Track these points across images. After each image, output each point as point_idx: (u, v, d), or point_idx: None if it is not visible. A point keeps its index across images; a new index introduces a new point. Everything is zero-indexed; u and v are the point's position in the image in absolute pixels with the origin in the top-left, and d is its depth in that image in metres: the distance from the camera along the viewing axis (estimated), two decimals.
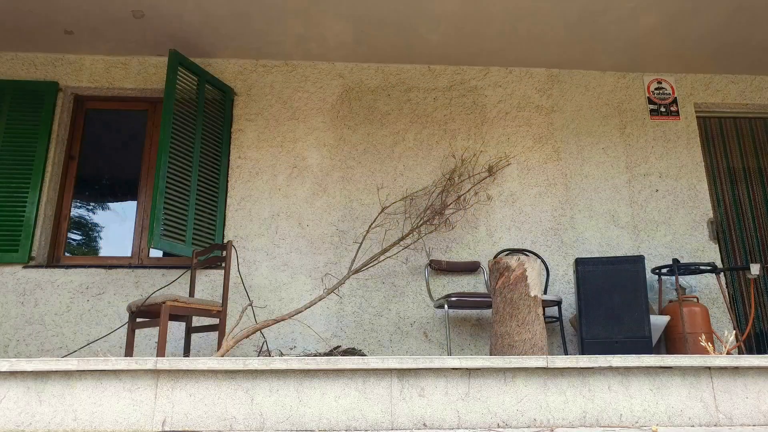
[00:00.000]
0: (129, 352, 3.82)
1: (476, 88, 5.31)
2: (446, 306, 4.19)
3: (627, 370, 2.08)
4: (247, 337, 3.77)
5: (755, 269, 4.25)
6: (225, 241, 4.71)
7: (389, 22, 4.74)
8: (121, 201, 5.12)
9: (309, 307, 4.04)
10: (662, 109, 5.34)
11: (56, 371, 1.99)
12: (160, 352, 3.55)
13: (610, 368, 2.07)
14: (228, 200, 4.87)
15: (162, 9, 4.58)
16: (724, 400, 2.06)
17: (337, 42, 5.01)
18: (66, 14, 4.62)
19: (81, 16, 4.64)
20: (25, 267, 4.55)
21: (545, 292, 4.62)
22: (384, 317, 4.62)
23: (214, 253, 4.38)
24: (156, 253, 4.86)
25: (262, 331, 4.30)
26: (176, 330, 4.50)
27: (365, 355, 4.18)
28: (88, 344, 4.39)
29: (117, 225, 5.01)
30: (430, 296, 4.54)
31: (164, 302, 3.59)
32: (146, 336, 4.48)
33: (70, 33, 4.85)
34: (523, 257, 3.87)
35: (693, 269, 4.46)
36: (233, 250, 4.58)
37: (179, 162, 4.57)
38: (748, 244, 5.22)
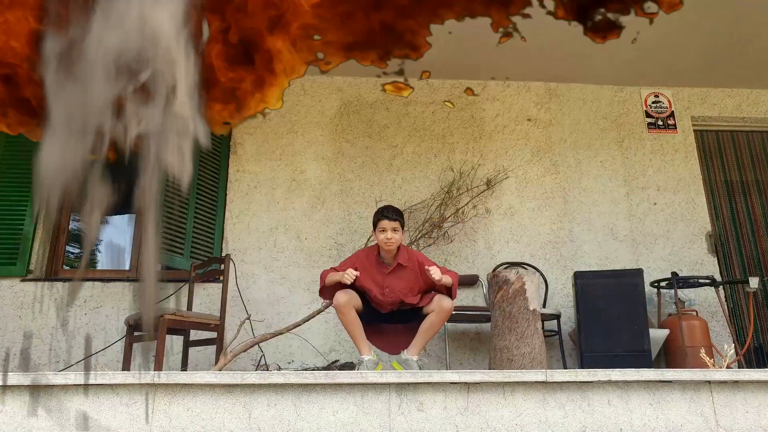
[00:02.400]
0: (126, 366, 3.80)
1: (474, 102, 5.33)
2: None
3: (626, 384, 2.07)
4: (244, 351, 3.76)
5: (754, 282, 4.25)
6: (223, 254, 4.70)
7: None
8: (120, 214, 5.12)
9: (307, 320, 4.02)
10: (659, 123, 5.36)
11: (53, 385, 1.98)
12: (158, 366, 3.53)
13: (610, 382, 2.07)
14: (226, 213, 4.87)
15: None
16: (724, 415, 2.06)
17: None
18: None
19: None
20: (23, 280, 4.54)
21: (544, 306, 4.61)
22: None
23: (213, 267, 4.37)
24: None
25: (260, 345, 4.27)
26: (174, 344, 4.47)
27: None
28: (86, 358, 4.36)
29: (115, 238, 5.01)
30: None
31: (162, 316, 3.58)
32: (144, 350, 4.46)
33: None
34: (521, 271, 3.86)
35: (692, 283, 4.45)
36: (231, 264, 4.57)
37: None
38: (746, 258, 5.22)
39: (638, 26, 4.87)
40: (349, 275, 3.53)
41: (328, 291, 3.73)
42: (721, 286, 4.76)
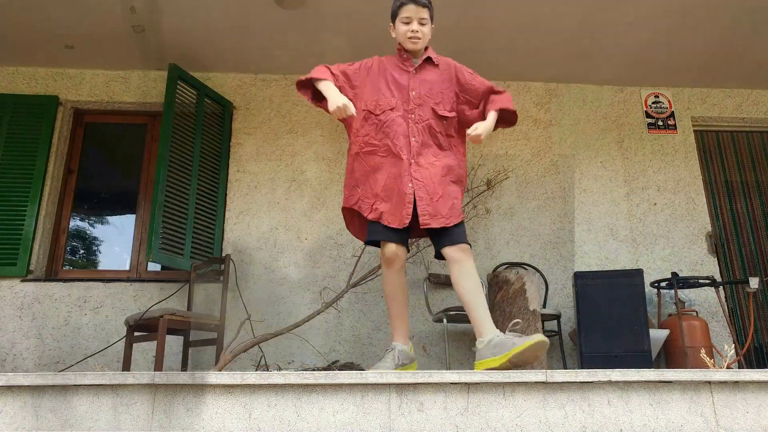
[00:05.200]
0: (126, 366, 3.80)
1: None
2: (445, 320, 4.18)
3: (627, 385, 2.07)
4: (244, 351, 3.76)
5: (754, 283, 4.25)
6: (223, 254, 4.70)
7: (387, 36, 4.76)
8: (120, 214, 5.12)
9: (307, 321, 4.03)
10: (659, 123, 5.36)
11: (53, 386, 1.98)
12: (158, 366, 3.53)
13: (610, 382, 2.06)
14: (226, 214, 4.87)
15: (162, 24, 4.61)
16: (724, 415, 2.05)
17: (336, 56, 5.02)
18: (67, 29, 4.65)
19: (82, 30, 4.67)
20: (23, 280, 4.54)
21: (544, 306, 4.61)
22: (382, 331, 4.60)
23: (213, 267, 4.37)
24: (154, 266, 4.85)
25: (260, 345, 4.27)
26: (174, 344, 4.47)
27: (363, 370, 4.15)
28: (86, 358, 4.36)
29: (115, 238, 5.01)
30: (429, 310, 4.53)
31: (162, 316, 3.58)
32: (144, 350, 4.46)
33: (70, 47, 4.87)
34: (521, 271, 3.86)
35: (692, 283, 4.45)
36: (231, 264, 4.57)
37: (178, 175, 4.57)
38: (746, 258, 5.22)
39: (638, 25, 4.89)
40: (340, 107, 2.54)
41: (304, 86, 2.76)
42: (721, 287, 4.76)
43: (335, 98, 2.59)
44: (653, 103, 5.43)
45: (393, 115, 2.69)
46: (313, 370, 4.16)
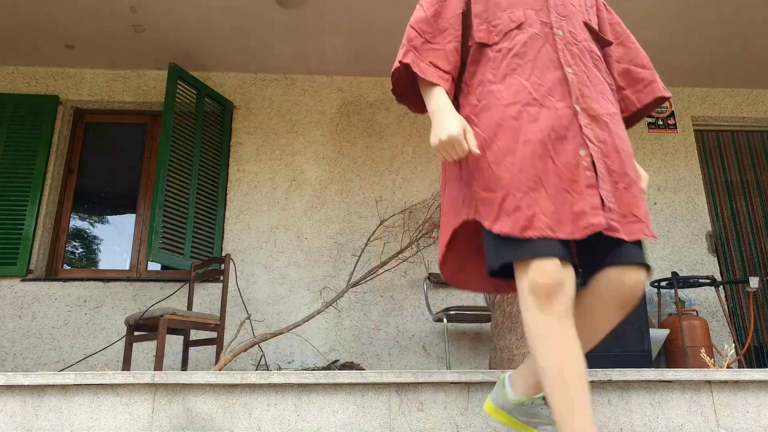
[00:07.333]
0: (126, 365, 3.80)
1: None
2: (445, 319, 4.18)
3: (627, 384, 2.07)
4: (245, 350, 3.76)
5: (754, 282, 4.25)
6: (223, 254, 4.70)
7: (388, 36, 4.77)
8: (120, 214, 5.12)
9: (307, 320, 4.03)
10: (660, 122, 5.36)
11: (53, 385, 1.98)
12: (158, 365, 3.53)
13: (610, 382, 2.06)
14: (226, 213, 4.87)
15: (162, 23, 4.61)
16: (724, 415, 2.05)
17: (336, 56, 5.03)
18: (67, 29, 4.65)
19: (82, 30, 4.67)
20: (23, 280, 4.54)
21: None
22: (382, 331, 4.60)
23: (213, 267, 4.37)
24: (154, 266, 4.85)
25: (260, 344, 4.28)
26: (174, 344, 4.48)
27: (363, 369, 4.16)
28: (86, 358, 4.37)
29: (115, 238, 5.01)
30: (429, 310, 4.53)
31: (162, 316, 3.57)
32: (144, 350, 4.46)
33: (70, 47, 4.87)
34: None
35: (692, 282, 4.45)
36: (231, 263, 4.57)
37: (178, 175, 4.57)
38: (746, 257, 5.22)
39: (637, 25, 4.88)
40: (461, 143, 1.41)
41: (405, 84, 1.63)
42: (722, 286, 4.76)
43: (446, 125, 1.45)
44: None
45: (523, 37, 1.49)
46: (313, 369, 4.16)
